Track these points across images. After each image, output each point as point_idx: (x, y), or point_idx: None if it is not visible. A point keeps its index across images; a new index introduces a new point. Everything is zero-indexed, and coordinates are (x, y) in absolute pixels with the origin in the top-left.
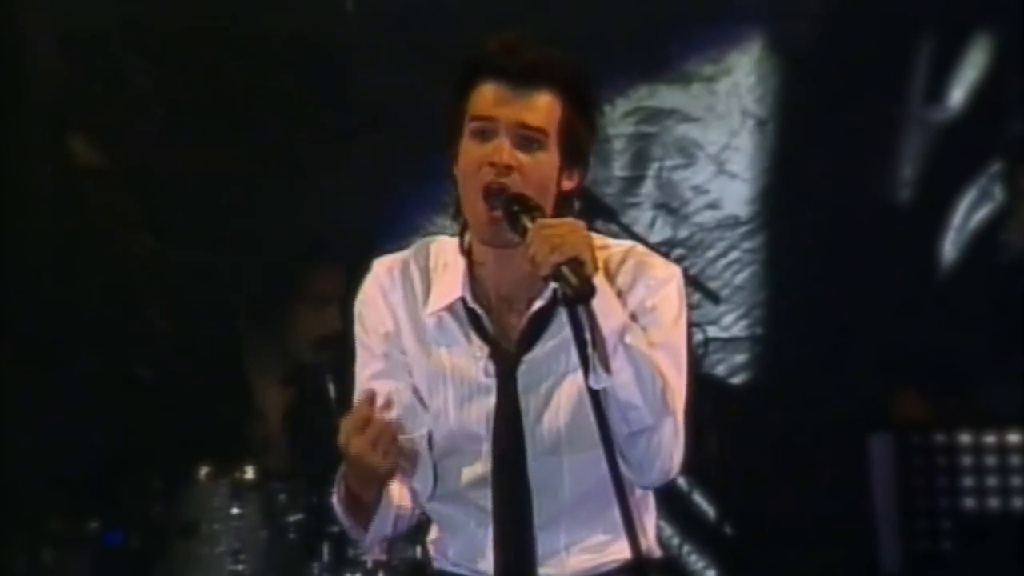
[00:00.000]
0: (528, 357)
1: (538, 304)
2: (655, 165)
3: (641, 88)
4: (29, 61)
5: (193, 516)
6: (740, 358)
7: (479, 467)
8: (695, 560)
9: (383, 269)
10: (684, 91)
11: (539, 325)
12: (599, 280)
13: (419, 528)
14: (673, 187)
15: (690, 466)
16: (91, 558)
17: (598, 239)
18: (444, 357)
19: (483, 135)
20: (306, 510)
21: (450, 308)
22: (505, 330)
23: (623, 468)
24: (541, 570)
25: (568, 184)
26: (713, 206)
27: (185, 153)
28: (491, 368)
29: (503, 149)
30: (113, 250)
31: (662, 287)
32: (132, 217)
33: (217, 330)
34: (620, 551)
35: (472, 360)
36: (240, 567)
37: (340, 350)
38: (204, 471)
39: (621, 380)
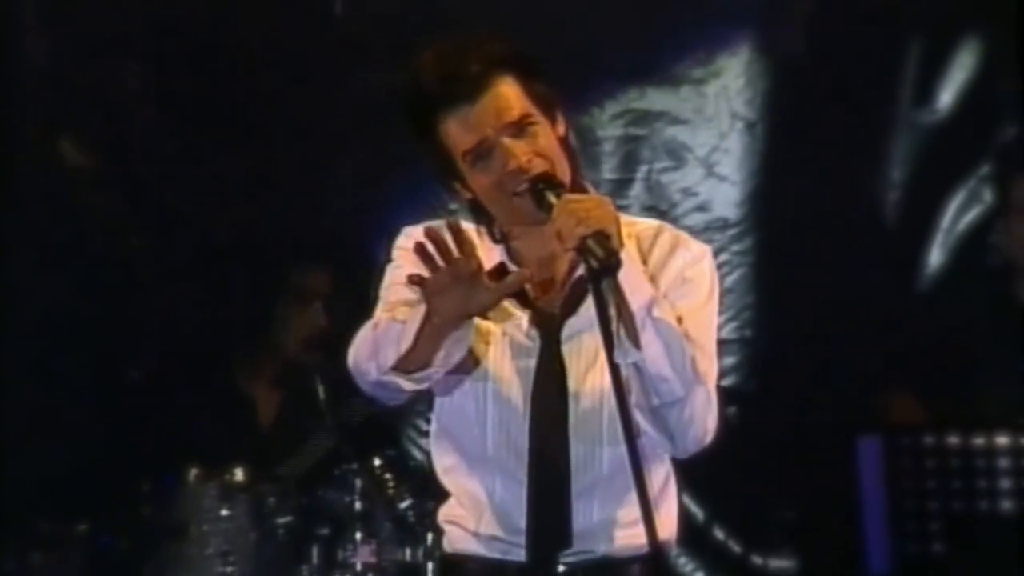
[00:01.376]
0: (571, 321)
1: (580, 272)
2: (644, 167)
3: (630, 90)
4: (19, 63)
5: (182, 518)
6: (729, 360)
7: (513, 432)
8: (684, 563)
9: (416, 232)
10: (673, 93)
11: (581, 292)
12: (626, 254)
13: (407, 529)
14: (662, 189)
15: (679, 468)
16: (81, 560)
17: (626, 217)
18: (482, 321)
19: (483, 157)
20: (295, 512)
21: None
22: (546, 297)
23: (657, 438)
24: (575, 546)
25: (561, 130)
26: (702, 208)
27: (175, 155)
28: (533, 332)
29: (513, 154)
30: (103, 252)
31: (697, 262)
32: (121, 219)
33: (206, 332)
34: (640, 537)
35: (513, 323)
36: (229, 569)
37: (329, 351)
38: (193, 473)
39: (650, 354)
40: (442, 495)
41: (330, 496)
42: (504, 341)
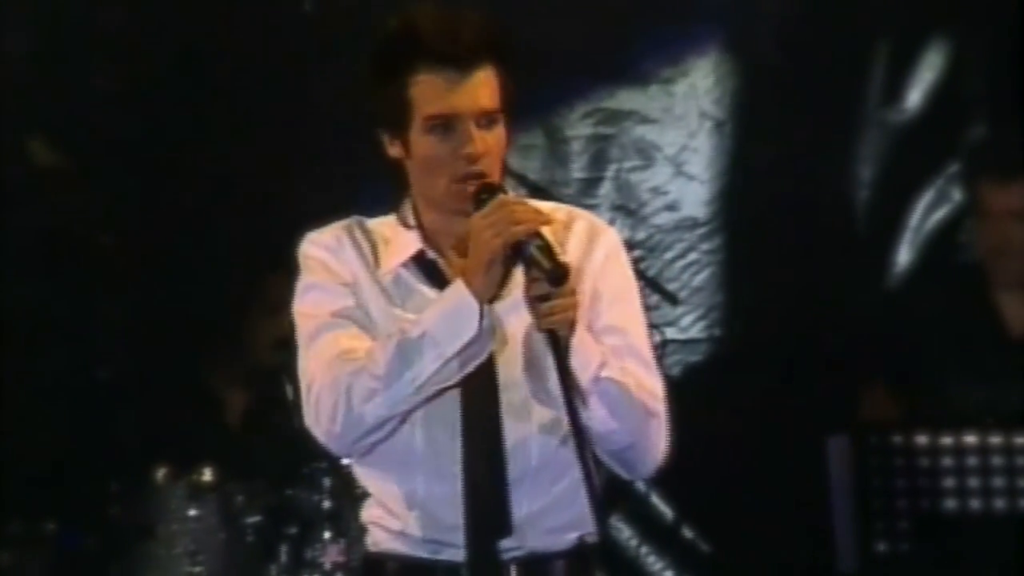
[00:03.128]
0: (495, 306)
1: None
2: (613, 166)
3: (599, 89)
4: None
5: (150, 517)
6: (698, 360)
7: (443, 429)
8: (653, 561)
9: (324, 238)
10: (642, 92)
11: (504, 278)
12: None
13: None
14: (631, 189)
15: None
16: (49, 560)
17: (535, 203)
18: (402, 314)
19: (444, 129)
20: (264, 512)
21: (406, 264)
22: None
23: (611, 465)
24: (504, 542)
25: (507, 135)
26: (671, 207)
27: (145, 155)
28: None
29: (474, 139)
30: (72, 251)
31: (616, 250)
32: (92, 218)
33: (175, 332)
34: (573, 528)
35: None
36: (198, 568)
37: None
38: (161, 473)
39: (599, 415)
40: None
41: (299, 495)
42: None
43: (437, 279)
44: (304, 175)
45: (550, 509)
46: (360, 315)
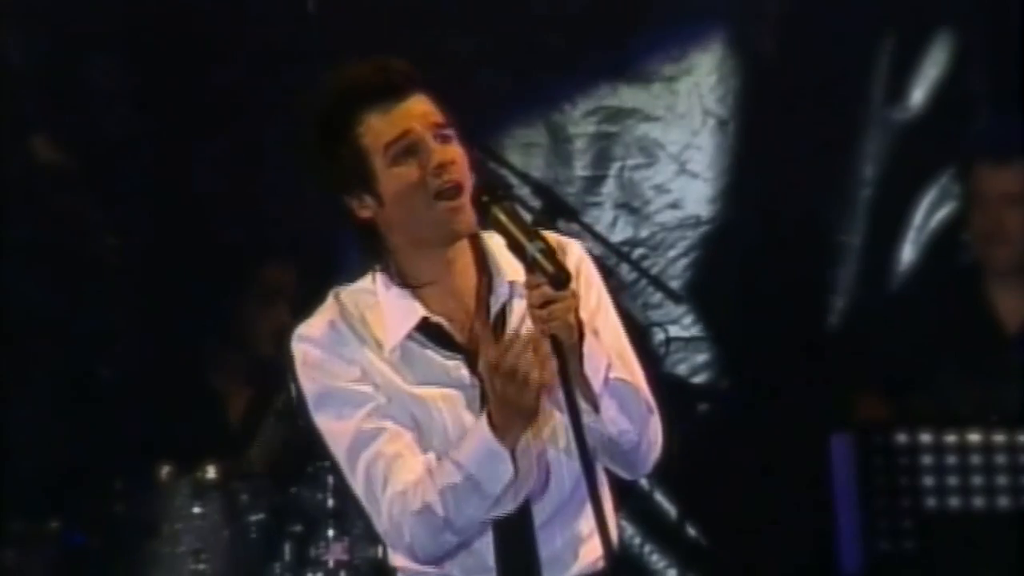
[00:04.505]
0: None
1: (497, 304)
2: (616, 165)
3: (602, 88)
4: None
5: (154, 515)
6: (701, 358)
7: None
8: (656, 560)
9: (317, 331)
10: (645, 90)
11: (502, 323)
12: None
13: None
14: (634, 187)
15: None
16: (52, 558)
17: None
18: (419, 389)
19: (406, 153)
20: (268, 510)
21: (410, 334)
22: (470, 336)
23: (614, 469)
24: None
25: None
26: (674, 206)
27: (148, 153)
28: (473, 378)
29: (437, 151)
30: (75, 250)
31: (584, 257)
32: (95, 217)
33: (178, 330)
34: (597, 548)
35: (450, 377)
36: (201, 567)
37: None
38: (165, 471)
39: (610, 416)
40: None
41: (303, 493)
42: (454, 401)
43: (446, 343)
44: (300, 170)
45: (581, 535)
46: (388, 409)
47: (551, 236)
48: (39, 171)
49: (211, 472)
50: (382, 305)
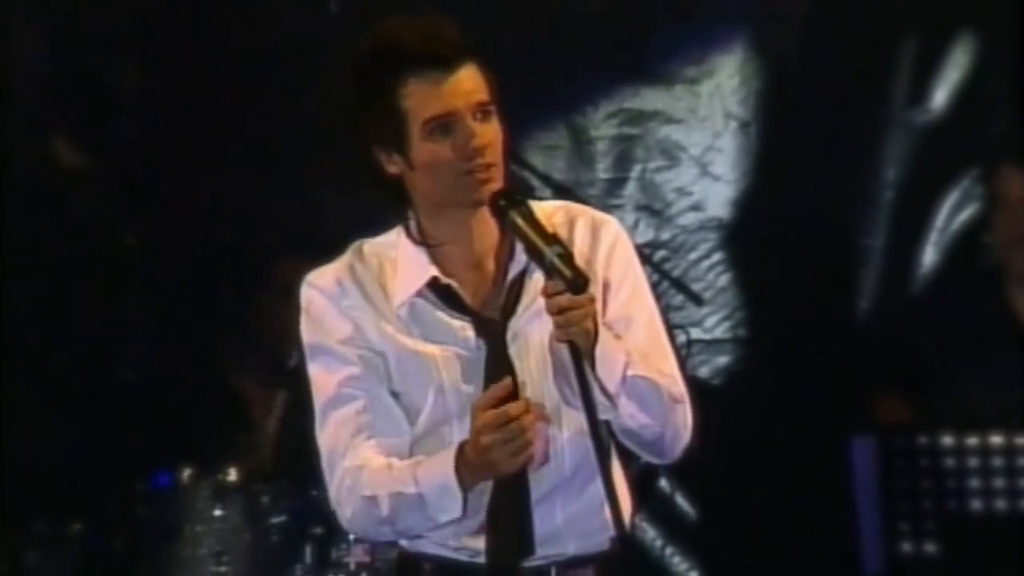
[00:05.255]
0: (513, 322)
1: (515, 269)
2: (638, 167)
3: (624, 90)
4: (11, 61)
5: (176, 518)
6: (723, 360)
7: None
8: (678, 562)
9: (325, 281)
10: (667, 93)
11: (518, 291)
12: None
13: None
14: (656, 189)
15: (673, 468)
16: (74, 560)
17: (534, 204)
18: (423, 346)
19: (445, 129)
20: (289, 512)
21: (420, 292)
22: (483, 300)
23: (640, 454)
24: (540, 551)
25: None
26: (696, 208)
27: (168, 154)
28: (480, 342)
29: (476, 133)
30: (94, 251)
31: (619, 240)
32: (113, 218)
33: (199, 331)
34: (606, 530)
35: (456, 338)
36: (223, 569)
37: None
38: (187, 473)
39: (629, 413)
40: None
41: (324, 495)
42: (456, 362)
43: (455, 304)
44: (320, 167)
45: (584, 513)
46: (367, 366)
47: (587, 211)
48: (58, 172)
49: (232, 474)
50: (398, 260)
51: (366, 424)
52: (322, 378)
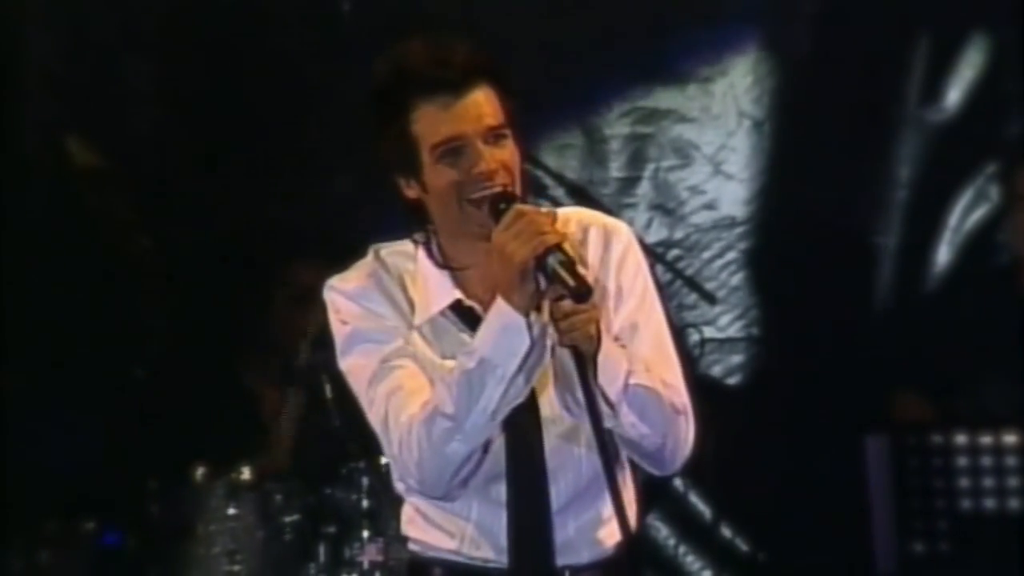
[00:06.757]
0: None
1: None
2: (651, 166)
3: (637, 89)
4: (25, 61)
5: (189, 516)
6: (736, 359)
7: (490, 461)
8: (691, 561)
9: (349, 286)
10: (680, 92)
11: (537, 308)
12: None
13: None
14: (669, 188)
15: (686, 467)
16: (87, 559)
17: (546, 210)
18: (440, 362)
19: (453, 155)
20: (302, 511)
21: (442, 312)
22: None
23: (641, 465)
24: (560, 560)
25: (519, 150)
26: (709, 207)
27: (182, 154)
28: None
29: (484, 158)
30: (109, 250)
31: (630, 247)
32: (128, 217)
33: (213, 330)
34: (614, 534)
35: None
36: (236, 567)
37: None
38: (200, 472)
39: (629, 421)
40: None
41: (337, 494)
42: None
43: (476, 325)
44: (334, 168)
45: (594, 522)
46: (411, 351)
47: (600, 218)
48: (74, 172)
49: (246, 473)
50: (419, 278)
51: (418, 387)
52: (359, 366)
